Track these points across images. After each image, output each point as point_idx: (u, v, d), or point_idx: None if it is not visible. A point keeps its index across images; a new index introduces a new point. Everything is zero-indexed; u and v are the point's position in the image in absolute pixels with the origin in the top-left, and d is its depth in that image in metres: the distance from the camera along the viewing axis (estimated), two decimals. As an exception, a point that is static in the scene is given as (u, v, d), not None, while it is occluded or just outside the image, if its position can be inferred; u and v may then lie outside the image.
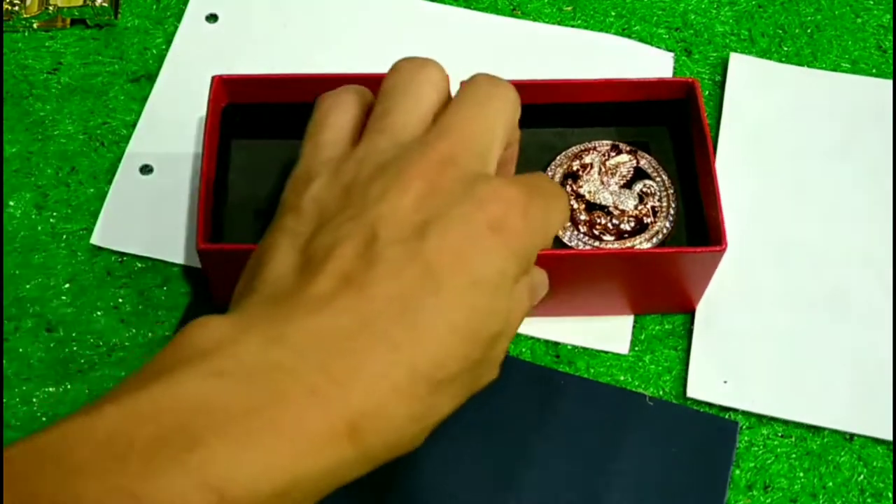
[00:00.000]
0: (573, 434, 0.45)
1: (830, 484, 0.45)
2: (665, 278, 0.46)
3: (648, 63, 0.55)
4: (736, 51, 0.56)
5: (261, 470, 0.28)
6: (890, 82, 0.55)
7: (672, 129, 0.50)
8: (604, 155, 0.48)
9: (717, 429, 0.46)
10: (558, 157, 0.49)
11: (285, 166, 0.40)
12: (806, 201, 0.51)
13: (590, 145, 0.49)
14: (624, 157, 0.48)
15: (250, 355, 0.29)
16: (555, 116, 0.49)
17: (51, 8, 0.56)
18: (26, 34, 0.56)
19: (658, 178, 0.48)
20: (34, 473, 0.26)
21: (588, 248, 0.46)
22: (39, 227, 0.51)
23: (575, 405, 0.46)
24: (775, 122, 0.53)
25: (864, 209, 0.51)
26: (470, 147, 0.33)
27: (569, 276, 0.44)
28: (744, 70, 0.55)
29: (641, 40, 0.56)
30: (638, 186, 0.47)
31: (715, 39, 0.57)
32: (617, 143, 0.49)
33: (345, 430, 0.29)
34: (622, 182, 0.48)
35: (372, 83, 0.37)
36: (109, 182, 0.52)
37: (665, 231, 0.47)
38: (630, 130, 0.50)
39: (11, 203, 0.51)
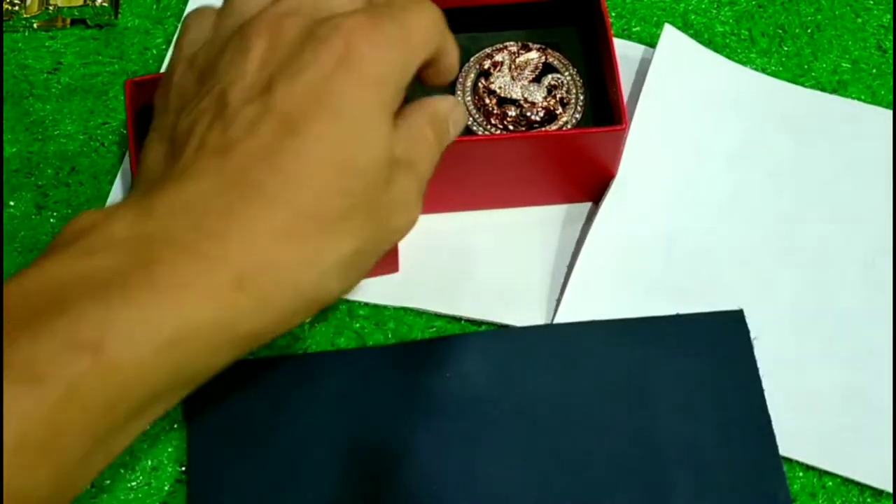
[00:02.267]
0: (602, 382, 0.46)
1: (830, 484, 0.45)
2: (572, 161, 0.48)
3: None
4: (736, 51, 0.56)
5: (137, 323, 0.28)
6: (814, 92, 0.55)
7: (580, 29, 0.52)
8: (514, 53, 0.50)
9: (725, 321, 0.47)
10: (471, 59, 0.51)
11: None
12: (697, 199, 0.51)
13: (500, 46, 0.51)
14: (533, 55, 0.50)
15: (120, 231, 0.30)
16: (466, 21, 0.50)
17: (51, 8, 0.56)
18: (26, 34, 0.56)
19: (566, 73, 0.50)
20: None
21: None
22: (39, 227, 0.51)
23: (592, 352, 0.47)
24: (688, 111, 0.53)
25: (754, 211, 0.51)
26: None
27: (479, 166, 0.47)
28: (674, 47, 0.55)
29: (641, 40, 0.56)
30: (547, 80, 0.50)
31: (715, 39, 0.57)
32: (526, 42, 0.51)
33: (230, 282, 0.29)
34: (532, 77, 0.50)
35: None
36: (110, 182, 0.52)
37: (574, 122, 0.49)
38: (540, 32, 0.52)
39: (11, 203, 0.51)
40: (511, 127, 0.49)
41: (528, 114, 0.49)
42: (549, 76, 0.50)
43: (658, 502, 0.43)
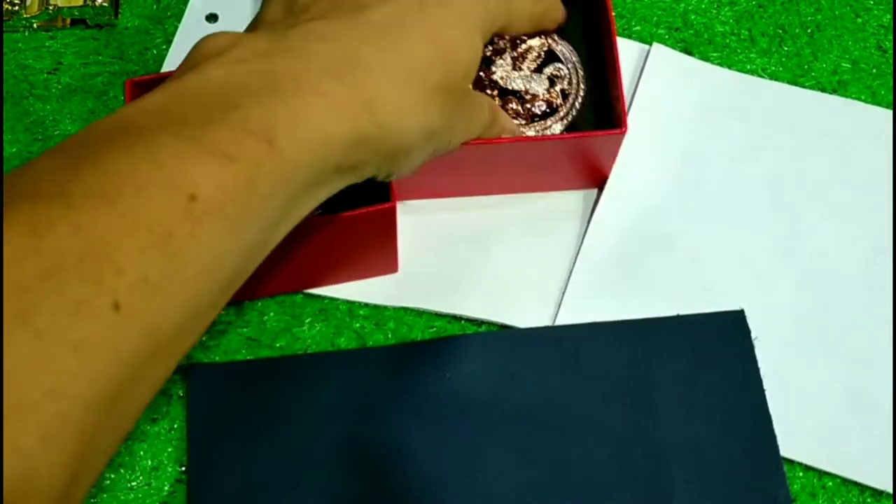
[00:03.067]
0: (602, 382, 0.46)
1: (830, 484, 0.45)
2: (569, 159, 0.48)
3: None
4: (736, 51, 0.56)
5: (295, 122, 0.32)
6: (807, 91, 0.55)
7: (584, 17, 0.51)
8: (515, 39, 0.49)
9: (726, 321, 0.47)
10: None
11: None
12: (698, 202, 0.51)
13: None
14: (535, 41, 0.49)
15: (264, 46, 0.34)
16: None
17: (51, 8, 0.56)
18: (26, 34, 0.56)
19: (569, 63, 0.49)
20: (105, 138, 0.30)
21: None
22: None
23: (593, 354, 0.47)
24: (684, 119, 0.53)
25: (755, 215, 0.51)
26: None
27: (483, 166, 0.48)
28: (662, 63, 0.55)
29: (641, 40, 0.56)
30: (549, 70, 0.49)
31: (715, 39, 0.57)
32: None
33: (360, 104, 0.34)
34: (533, 66, 0.48)
35: None
36: (109, 182, 0.52)
37: (573, 114, 0.48)
38: None
39: (11, 203, 0.51)
40: (514, 119, 0.48)
41: (530, 106, 0.48)
42: (552, 66, 0.48)
43: (658, 502, 0.43)
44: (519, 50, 0.48)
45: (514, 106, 0.48)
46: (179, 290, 0.29)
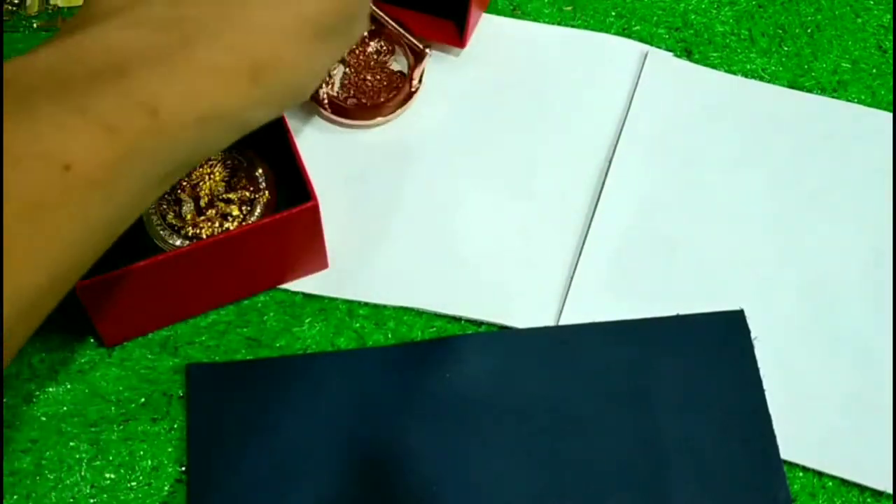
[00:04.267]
0: (602, 382, 0.46)
1: (830, 484, 0.45)
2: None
3: (648, 63, 0.55)
4: (736, 51, 0.56)
5: (183, 96, 0.32)
6: (805, 94, 0.55)
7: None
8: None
9: (726, 321, 0.47)
10: None
11: None
12: (698, 204, 0.51)
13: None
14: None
15: (160, 10, 0.34)
16: None
17: (51, 8, 0.56)
18: (26, 34, 0.56)
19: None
20: None
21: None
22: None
23: (593, 354, 0.47)
24: (681, 123, 0.53)
25: (755, 215, 0.51)
26: None
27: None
28: (659, 68, 0.55)
29: (641, 40, 0.56)
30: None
31: (715, 39, 0.57)
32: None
33: (248, 71, 0.34)
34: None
35: None
36: (109, 182, 0.52)
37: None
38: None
39: (11, 203, 0.51)
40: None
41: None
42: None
43: (658, 502, 0.43)
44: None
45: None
46: (43, 260, 0.30)
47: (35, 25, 0.56)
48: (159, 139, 0.32)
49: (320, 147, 0.53)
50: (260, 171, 0.49)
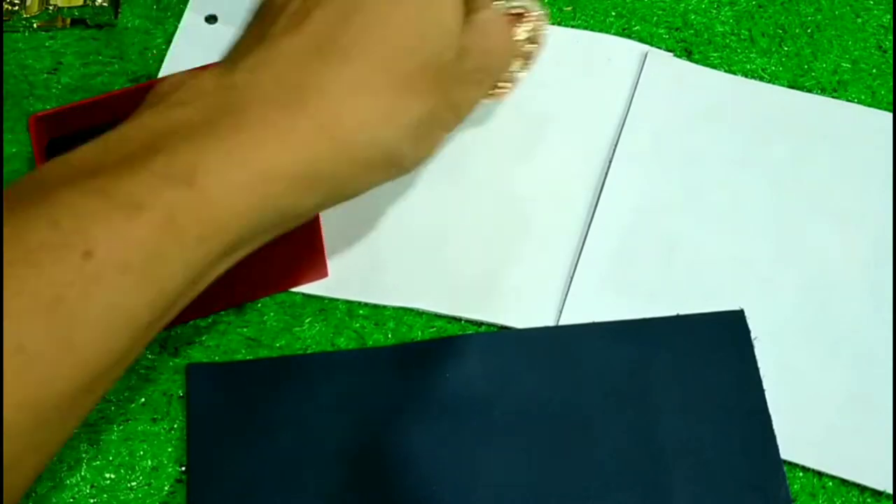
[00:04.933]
0: (602, 382, 0.46)
1: (830, 484, 0.45)
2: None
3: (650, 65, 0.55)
4: (736, 51, 0.56)
5: (228, 162, 0.30)
6: (805, 94, 0.55)
7: None
8: None
9: (725, 321, 0.47)
10: None
11: None
12: (698, 204, 0.51)
13: None
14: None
15: (207, 84, 0.32)
16: None
17: (51, 8, 0.56)
18: (26, 34, 0.56)
19: None
20: (17, 196, 0.29)
21: None
22: (39, 227, 0.51)
23: (593, 354, 0.47)
24: (682, 123, 0.53)
25: (755, 216, 0.51)
26: None
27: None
28: (659, 68, 0.55)
29: (641, 40, 0.56)
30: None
31: (715, 39, 0.57)
32: None
33: (312, 129, 0.31)
34: None
35: None
36: (109, 182, 0.52)
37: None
38: None
39: (11, 203, 0.51)
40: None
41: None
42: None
43: (658, 502, 0.43)
44: None
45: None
46: (69, 355, 0.28)
47: (35, 25, 0.56)
48: (203, 210, 0.30)
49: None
50: None
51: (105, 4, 0.56)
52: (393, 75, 0.33)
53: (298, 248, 0.47)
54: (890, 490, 0.44)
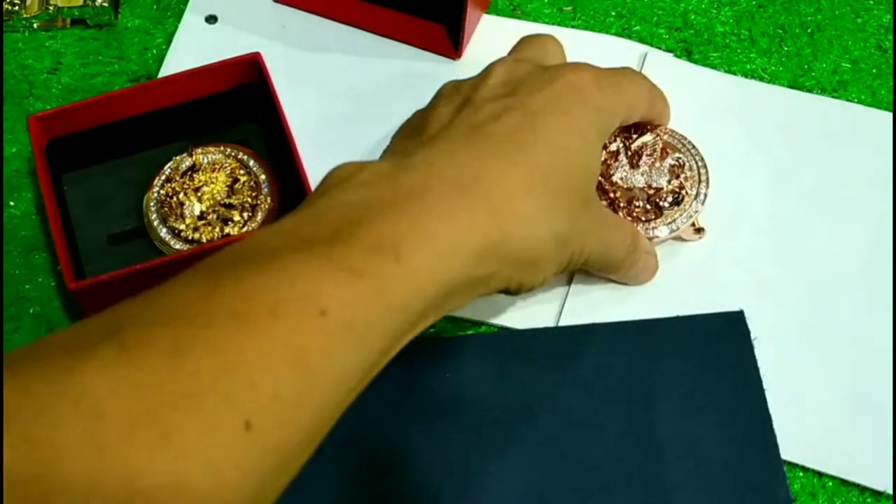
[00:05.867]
0: (602, 383, 0.46)
1: (830, 484, 0.45)
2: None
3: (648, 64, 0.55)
4: (736, 51, 0.56)
5: (422, 237, 0.33)
6: (805, 94, 0.55)
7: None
8: (627, 139, 0.49)
9: (725, 322, 0.47)
10: None
11: (123, 183, 0.49)
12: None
13: (615, 132, 0.49)
14: (647, 137, 0.49)
15: (387, 169, 0.36)
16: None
17: (51, 8, 0.56)
18: (26, 34, 0.56)
19: (685, 151, 0.49)
20: (243, 261, 0.31)
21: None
22: (39, 228, 0.51)
23: (593, 354, 0.47)
24: (682, 123, 0.53)
25: (755, 216, 0.51)
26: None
27: None
28: (658, 69, 0.55)
29: (641, 40, 0.56)
30: (668, 161, 0.49)
31: (715, 39, 0.57)
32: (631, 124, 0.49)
33: (485, 213, 0.35)
34: (651, 162, 0.48)
35: None
36: (109, 182, 0.52)
37: (703, 198, 0.49)
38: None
39: (11, 203, 0.51)
40: (642, 218, 0.48)
41: (657, 200, 0.48)
42: (670, 157, 0.49)
43: (658, 502, 0.43)
44: (633, 148, 0.48)
45: (639, 203, 0.48)
46: (309, 405, 0.30)
47: (35, 25, 0.56)
48: (407, 279, 0.33)
49: (325, 155, 0.53)
50: (263, 177, 0.49)
51: (105, 4, 0.56)
52: (546, 187, 0.37)
53: None
54: (890, 490, 0.45)
